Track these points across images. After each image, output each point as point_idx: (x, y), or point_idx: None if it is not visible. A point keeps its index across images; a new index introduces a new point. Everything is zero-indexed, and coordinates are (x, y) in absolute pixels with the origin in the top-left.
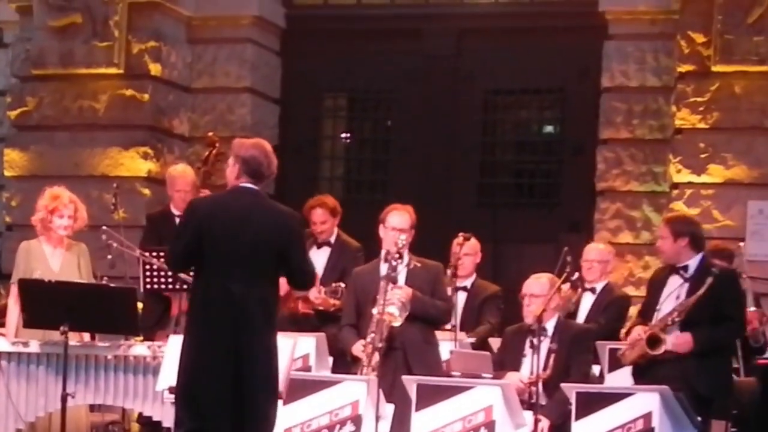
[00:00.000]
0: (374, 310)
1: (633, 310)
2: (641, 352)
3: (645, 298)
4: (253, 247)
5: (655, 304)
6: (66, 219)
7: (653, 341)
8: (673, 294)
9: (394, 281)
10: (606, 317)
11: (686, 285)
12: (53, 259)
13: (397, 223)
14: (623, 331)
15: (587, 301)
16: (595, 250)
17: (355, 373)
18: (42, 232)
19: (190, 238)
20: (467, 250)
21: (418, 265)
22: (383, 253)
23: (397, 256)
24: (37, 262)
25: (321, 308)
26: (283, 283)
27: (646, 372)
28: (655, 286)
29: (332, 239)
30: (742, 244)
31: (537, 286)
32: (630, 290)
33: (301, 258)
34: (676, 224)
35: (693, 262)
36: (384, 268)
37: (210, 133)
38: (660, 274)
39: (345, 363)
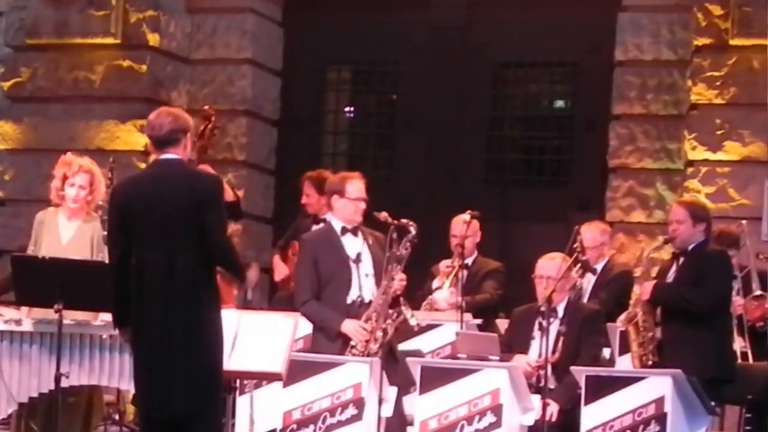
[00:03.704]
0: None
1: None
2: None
3: None
4: (169, 215)
5: None
6: (76, 189)
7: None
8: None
9: (399, 261)
10: (607, 292)
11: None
12: (65, 230)
13: (359, 192)
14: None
15: (589, 281)
16: (587, 236)
17: (342, 353)
18: (57, 201)
19: (116, 234)
20: (469, 231)
21: (372, 237)
22: (340, 226)
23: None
24: (48, 233)
25: None
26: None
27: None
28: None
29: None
30: (744, 222)
31: (552, 267)
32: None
33: (213, 223)
34: (697, 209)
35: (696, 244)
36: (349, 244)
37: (206, 107)
38: (666, 264)
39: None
